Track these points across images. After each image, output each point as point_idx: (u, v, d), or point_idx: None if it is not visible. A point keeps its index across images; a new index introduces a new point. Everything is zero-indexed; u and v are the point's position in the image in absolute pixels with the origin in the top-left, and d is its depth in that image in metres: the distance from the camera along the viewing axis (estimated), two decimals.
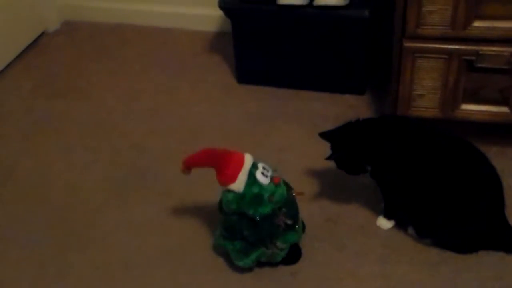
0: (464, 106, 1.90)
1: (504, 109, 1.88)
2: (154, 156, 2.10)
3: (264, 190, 1.57)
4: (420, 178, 1.65)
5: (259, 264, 1.66)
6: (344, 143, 1.72)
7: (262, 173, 1.58)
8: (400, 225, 1.76)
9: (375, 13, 2.18)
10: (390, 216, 1.77)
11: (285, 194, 1.60)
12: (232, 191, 1.57)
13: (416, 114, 1.93)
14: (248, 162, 1.58)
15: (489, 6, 1.74)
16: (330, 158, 1.73)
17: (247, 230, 1.60)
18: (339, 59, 2.28)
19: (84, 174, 2.05)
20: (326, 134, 1.75)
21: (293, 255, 1.68)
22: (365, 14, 2.14)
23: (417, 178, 1.65)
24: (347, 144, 1.71)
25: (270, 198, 1.57)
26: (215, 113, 2.30)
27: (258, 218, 1.57)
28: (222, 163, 1.57)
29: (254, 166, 1.58)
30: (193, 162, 1.61)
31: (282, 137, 2.15)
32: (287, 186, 1.65)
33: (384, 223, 1.78)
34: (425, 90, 1.89)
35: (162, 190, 1.94)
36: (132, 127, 2.25)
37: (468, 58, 1.81)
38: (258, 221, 1.58)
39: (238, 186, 1.56)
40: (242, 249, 1.63)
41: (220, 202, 1.63)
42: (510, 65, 1.78)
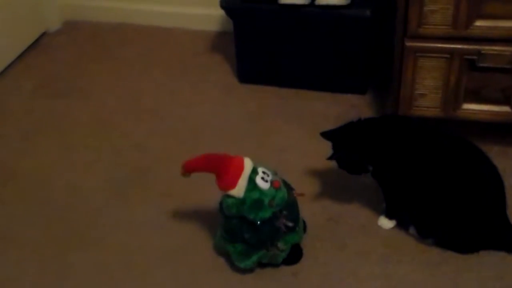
0: (465, 106, 1.90)
1: (505, 108, 1.88)
2: (155, 156, 2.10)
3: (264, 195, 1.56)
4: (421, 178, 1.65)
5: (261, 264, 1.66)
6: (345, 143, 1.72)
7: (262, 178, 1.57)
8: (401, 225, 1.76)
9: (377, 12, 2.18)
10: (391, 216, 1.76)
11: (285, 198, 1.60)
12: (232, 196, 1.57)
13: (417, 113, 1.92)
14: (248, 167, 1.58)
15: (490, 6, 1.74)
16: (331, 158, 1.73)
17: (248, 233, 1.59)
18: (341, 59, 2.27)
19: (85, 174, 2.05)
20: (327, 133, 1.75)
21: (294, 255, 1.67)
22: (366, 13, 2.14)
23: (418, 178, 1.65)
24: (349, 143, 1.71)
25: (271, 203, 1.56)
26: (216, 112, 2.30)
27: (259, 222, 1.57)
28: (221, 169, 1.56)
29: (254, 171, 1.58)
30: (192, 167, 1.60)
31: (283, 136, 2.15)
32: (288, 186, 1.64)
33: (385, 223, 1.77)
34: (426, 89, 1.89)
35: (163, 190, 1.94)
36: (133, 127, 2.25)
37: (469, 57, 1.81)
38: (259, 224, 1.57)
39: (238, 191, 1.56)
40: (243, 251, 1.62)
41: (220, 203, 1.62)
42: None
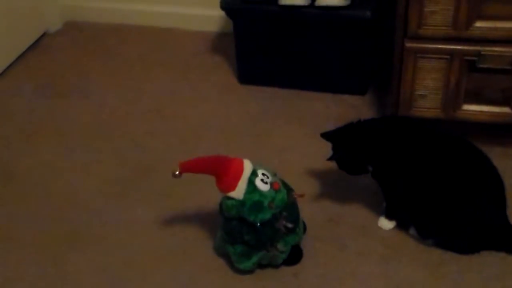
0: (465, 107, 1.90)
1: (506, 109, 1.88)
2: (155, 156, 2.10)
3: (264, 197, 1.56)
4: (421, 179, 1.65)
5: (261, 266, 1.66)
6: (345, 144, 1.72)
7: (262, 179, 1.57)
8: (401, 225, 1.76)
9: (377, 13, 2.18)
10: (391, 216, 1.76)
11: (285, 199, 1.59)
12: (232, 198, 1.57)
13: (417, 114, 1.92)
14: (247, 169, 1.57)
15: (491, 7, 1.74)
16: (331, 158, 1.73)
17: (248, 235, 1.59)
18: (341, 60, 2.27)
19: (85, 174, 2.05)
20: (327, 134, 1.75)
21: (294, 256, 1.67)
22: (366, 14, 2.14)
23: (418, 179, 1.65)
24: (349, 144, 1.71)
25: (270, 205, 1.56)
26: (217, 113, 2.30)
27: (259, 224, 1.57)
28: (221, 171, 1.56)
29: (254, 173, 1.57)
30: (191, 168, 1.58)
31: (284, 137, 2.15)
32: (288, 187, 1.64)
33: (385, 224, 1.77)
34: (426, 90, 1.89)
35: (163, 191, 1.94)
36: (133, 127, 2.25)
37: (469, 58, 1.81)
38: (259, 226, 1.57)
39: (238, 193, 1.56)
40: (243, 252, 1.62)
41: (220, 205, 1.62)
42: None
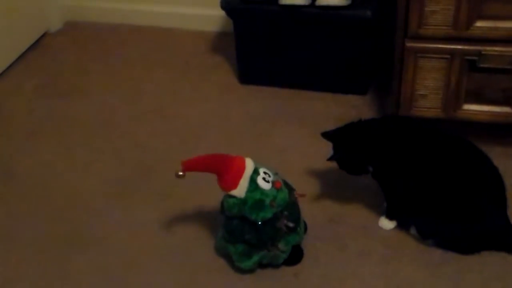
0: (466, 106, 1.90)
1: (506, 109, 1.88)
2: (156, 156, 2.10)
3: (265, 195, 1.56)
4: (422, 179, 1.65)
5: (261, 265, 1.66)
6: (346, 143, 1.72)
7: (264, 178, 1.57)
8: (402, 225, 1.76)
9: (377, 13, 2.18)
10: (392, 216, 1.76)
11: (286, 198, 1.60)
12: (233, 197, 1.57)
13: (418, 114, 1.92)
14: (249, 167, 1.57)
15: (491, 6, 1.74)
16: (331, 158, 1.73)
17: (249, 234, 1.59)
18: (341, 59, 2.27)
19: (85, 174, 2.05)
20: (328, 133, 1.75)
21: (295, 256, 1.67)
22: (367, 14, 2.14)
23: (419, 179, 1.65)
24: (349, 144, 1.71)
25: (272, 203, 1.56)
26: (217, 113, 2.30)
27: (260, 222, 1.57)
28: (223, 169, 1.56)
29: (256, 172, 1.58)
30: (193, 166, 1.58)
31: (284, 137, 2.15)
32: (289, 187, 1.64)
33: (386, 224, 1.77)
34: (427, 90, 1.89)
35: (164, 191, 1.94)
36: (134, 127, 2.25)
37: (470, 58, 1.81)
38: (260, 225, 1.58)
39: (240, 192, 1.56)
40: (244, 251, 1.62)
41: (222, 204, 1.62)
42: None
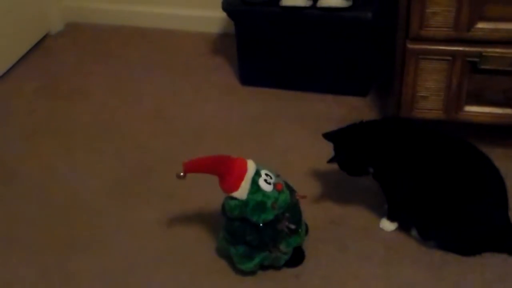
0: (467, 108, 1.90)
1: (507, 110, 1.88)
2: (157, 157, 2.10)
3: (267, 197, 1.56)
4: (423, 180, 1.65)
5: (263, 267, 1.66)
6: (347, 145, 1.72)
7: (265, 180, 1.57)
8: (403, 227, 1.76)
9: (378, 14, 2.18)
10: (393, 218, 1.76)
11: (288, 200, 1.59)
12: (235, 198, 1.57)
13: (419, 116, 1.92)
14: (251, 169, 1.57)
15: (492, 8, 1.74)
16: (332, 160, 1.73)
17: (250, 235, 1.59)
18: (342, 61, 2.27)
19: (86, 175, 2.05)
20: (329, 134, 1.75)
21: (296, 258, 1.67)
22: (368, 16, 2.14)
23: (420, 180, 1.65)
24: (350, 145, 1.71)
25: (273, 205, 1.56)
26: (218, 114, 2.30)
27: (261, 224, 1.57)
28: (224, 171, 1.56)
29: (257, 173, 1.57)
30: (194, 168, 1.58)
31: (286, 138, 2.15)
32: (290, 189, 1.64)
33: (387, 225, 1.77)
34: (428, 92, 1.89)
35: (165, 192, 1.94)
36: (135, 129, 2.25)
37: (471, 59, 1.81)
38: (261, 227, 1.57)
39: (241, 193, 1.56)
40: (245, 253, 1.62)
41: (223, 205, 1.62)
42: None
